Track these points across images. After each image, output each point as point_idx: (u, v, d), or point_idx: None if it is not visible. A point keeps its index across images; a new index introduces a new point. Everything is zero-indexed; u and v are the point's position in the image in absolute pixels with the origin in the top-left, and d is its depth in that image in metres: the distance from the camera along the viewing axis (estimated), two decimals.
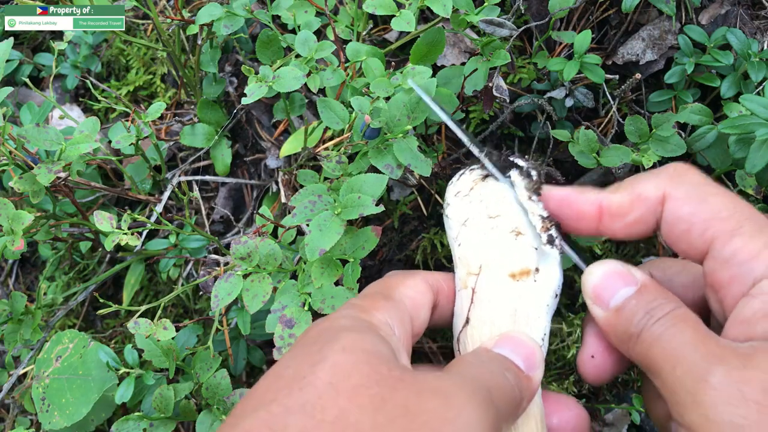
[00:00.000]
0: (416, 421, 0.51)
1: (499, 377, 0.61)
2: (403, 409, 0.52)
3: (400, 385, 0.54)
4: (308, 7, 1.09)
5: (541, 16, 1.21)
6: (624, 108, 1.22)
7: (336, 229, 0.81)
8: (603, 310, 0.64)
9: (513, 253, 0.73)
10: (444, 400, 0.54)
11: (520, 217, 0.75)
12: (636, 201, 0.65)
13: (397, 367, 0.57)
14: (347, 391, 0.52)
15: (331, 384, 0.53)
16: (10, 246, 0.96)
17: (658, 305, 0.60)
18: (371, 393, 0.53)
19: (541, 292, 0.73)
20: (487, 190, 0.78)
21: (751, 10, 1.20)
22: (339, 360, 0.55)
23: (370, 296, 0.69)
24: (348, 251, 0.90)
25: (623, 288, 0.63)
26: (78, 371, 1.06)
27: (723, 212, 0.60)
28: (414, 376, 0.56)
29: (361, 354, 0.56)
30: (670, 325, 0.58)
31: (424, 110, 0.90)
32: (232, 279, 0.91)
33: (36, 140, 1.03)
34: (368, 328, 0.62)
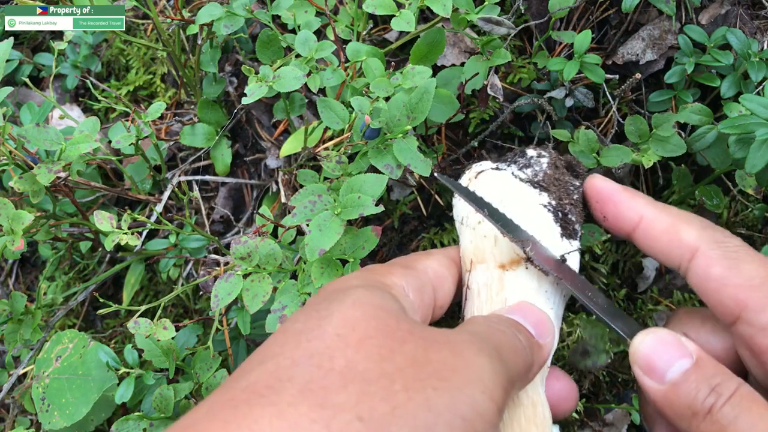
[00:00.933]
0: (424, 370, 0.52)
1: (510, 336, 0.62)
2: (411, 359, 0.52)
3: (409, 338, 0.55)
4: (308, 7, 1.09)
5: (540, 15, 1.21)
6: (624, 108, 1.22)
7: (336, 229, 0.81)
8: (658, 384, 0.62)
9: (499, 243, 0.73)
10: (453, 351, 0.55)
11: (507, 207, 0.74)
12: (673, 240, 0.67)
13: (405, 320, 0.58)
14: (355, 342, 0.53)
15: (338, 335, 0.54)
16: (10, 246, 0.96)
17: (722, 382, 0.59)
18: (379, 344, 0.53)
19: (535, 279, 0.72)
20: (478, 186, 0.77)
21: (751, 10, 1.20)
22: (347, 313, 0.56)
23: (388, 264, 0.70)
24: (348, 251, 0.90)
25: (679, 360, 0.62)
26: (78, 371, 1.06)
27: (756, 280, 0.61)
28: (423, 329, 0.57)
29: (370, 308, 0.57)
30: (745, 408, 0.57)
31: (424, 111, 0.89)
32: (232, 279, 0.91)
33: (36, 140, 1.03)
34: (379, 286, 0.62)
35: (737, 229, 1.22)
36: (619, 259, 1.26)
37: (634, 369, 0.65)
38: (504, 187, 0.77)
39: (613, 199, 0.72)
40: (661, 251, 0.68)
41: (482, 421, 0.51)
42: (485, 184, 0.78)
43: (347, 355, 0.52)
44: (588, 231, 1.18)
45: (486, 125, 1.24)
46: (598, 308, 0.70)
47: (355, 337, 0.54)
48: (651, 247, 0.70)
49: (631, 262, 1.26)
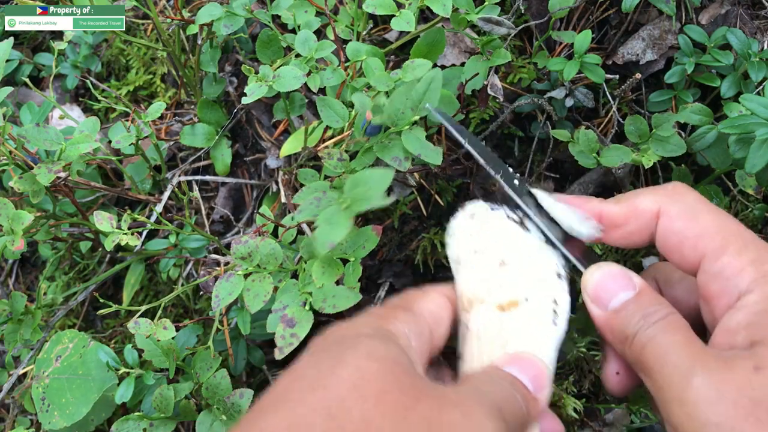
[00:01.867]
0: (436, 430, 0.52)
1: (508, 395, 0.63)
2: (425, 420, 0.53)
3: (422, 396, 0.55)
4: (308, 7, 1.09)
5: (541, 15, 1.21)
6: (624, 108, 1.22)
7: (345, 223, 0.81)
8: (601, 311, 0.67)
9: (499, 285, 0.73)
10: (464, 414, 0.55)
11: (504, 247, 0.75)
12: (633, 214, 0.69)
13: (418, 377, 0.58)
14: (371, 396, 0.53)
15: (354, 387, 0.53)
16: (10, 246, 0.96)
17: (654, 310, 0.63)
18: (394, 400, 0.53)
19: (533, 319, 0.72)
20: (474, 226, 0.78)
21: (751, 10, 1.20)
22: (362, 365, 0.56)
23: (390, 307, 0.70)
24: (348, 250, 0.90)
25: (622, 291, 0.66)
26: (78, 371, 1.06)
27: (712, 229, 0.64)
28: (435, 388, 0.57)
29: (385, 361, 0.57)
30: (661, 329, 0.61)
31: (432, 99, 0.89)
32: (233, 279, 0.91)
33: (36, 140, 1.03)
34: (389, 337, 0.62)
35: None
36: (619, 259, 1.26)
37: (584, 298, 0.69)
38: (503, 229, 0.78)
39: None
40: (631, 231, 0.70)
41: None
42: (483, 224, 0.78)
43: (363, 409, 0.52)
44: None
45: (486, 125, 1.24)
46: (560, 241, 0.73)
47: (372, 391, 0.53)
48: (623, 239, 0.71)
49: (631, 262, 1.26)
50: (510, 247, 0.74)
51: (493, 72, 1.10)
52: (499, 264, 0.73)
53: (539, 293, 0.72)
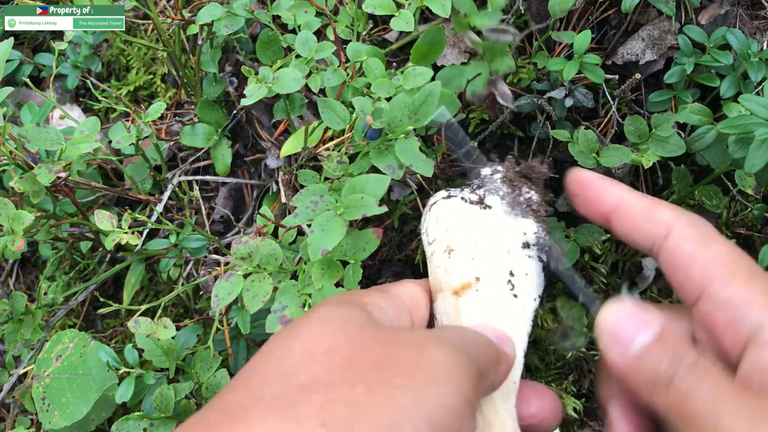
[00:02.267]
0: (388, 371, 0.53)
1: (474, 335, 0.64)
2: (373, 362, 0.54)
3: (372, 344, 0.56)
4: (308, 7, 1.09)
5: (540, 16, 1.21)
6: (624, 108, 1.22)
7: (338, 230, 0.81)
8: (623, 355, 0.62)
9: (450, 270, 0.73)
10: (417, 349, 0.55)
11: (453, 233, 0.75)
12: (650, 218, 0.68)
13: (370, 327, 0.59)
14: (320, 355, 0.55)
15: (305, 351, 0.55)
16: (11, 246, 0.96)
17: (683, 354, 0.60)
18: (343, 354, 0.55)
19: (486, 301, 0.72)
20: (430, 217, 0.79)
21: (751, 10, 1.21)
22: (313, 329, 0.58)
23: (365, 289, 0.72)
24: (349, 252, 0.90)
25: (643, 332, 0.62)
26: (78, 371, 1.07)
27: (724, 257, 0.63)
28: (387, 333, 0.59)
29: (336, 321, 0.59)
30: (702, 377, 0.58)
31: (427, 113, 0.89)
32: (233, 279, 0.91)
33: (36, 140, 1.03)
34: (351, 302, 0.64)
35: (737, 229, 1.22)
36: (619, 258, 1.26)
37: (599, 339, 0.65)
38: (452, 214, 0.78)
39: (595, 184, 0.73)
40: (637, 230, 0.69)
41: (450, 414, 0.51)
42: (435, 215, 0.79)
43: (312, 368, 0.53)
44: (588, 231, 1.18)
45: (486, 125, 1.24)
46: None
47: (320, 350, 0.55)
48: (628, 227, 0.70)
49: (631, 261, 1.26)
50: (458, 231, 0.75)
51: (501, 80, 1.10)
52: (448, 250, 0.74)
53: (491, 269, 0.73)
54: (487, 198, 0.77)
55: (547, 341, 1.21)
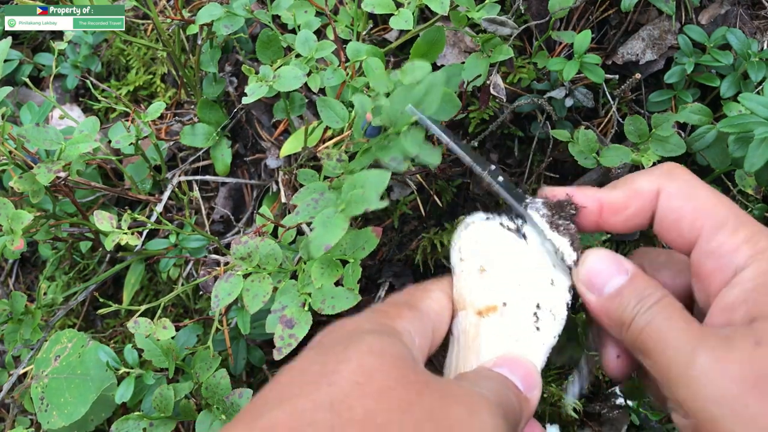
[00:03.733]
0: (442, 425, 0.52)
1: (503, 393, 0.63)
2: (428, 413, 0.53)
3: (426, 390, 0.55)
4: (308, 7, 1.09)
5: (540, 15, 1.21)
6: (624, 108, 1.22)
7: (340, 226, 0.81)
8: (596, 297, 0.67)
9: (477, 291, 0.73)
10: (467, 407, 0.56)
11: (486, 255, 0.75)
12: (633, 196, 0.69)
13: (422, 372, 0.58)
14: (374, 392, 0.53)
15: (357, 384, 0.53)
16: (10, 245, 0.96)
17: (649, 293, 0.64)
18: (398, 395, 0.53)
19: (511, 325, 0.72)
20: (465, 235, 0.78)
21: (751, 10, 1.21)
22: (365, 361, 0.56)
23: (395, 305, 0.70)
24: (348, 251, 0.90)
25: (616, 276, 0.66)
26: (76, 371, 1.06)
27: (709, 207, 0.65)
28: (438, 382, 0.58)
29: (388, 357, 0.57)
30: (658, 312, 0.62)
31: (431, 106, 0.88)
32: (233, 279, 0.91)
33: (36, 140, 1.03)
34: (392, 333, 0.62)
35: None
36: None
37: (577, 285, 0.69)
38: (490, 237, 0.78)
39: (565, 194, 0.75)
40: (633, 214, 0.70)
41: None
42: (473, 235, 0.79)
43: (366, 405, 0.52)
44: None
45: (486, 125, 1.24)
46: None
47: (375, 387, 0.54)
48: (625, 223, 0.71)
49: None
50: (493, 254, 0.75)
51: (495, 72, 1.10)
52: (480, 270, 0.74)
53: (519, 298, 0.72)
54: (524, 228, 0.77)
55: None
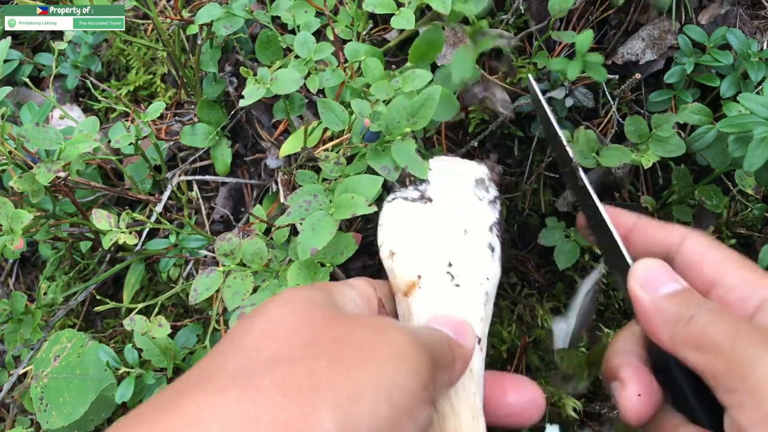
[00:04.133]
0: (348, 348, 0.54)
1: (430, 331, 0.65)
2: (335, 339, 0.55)
3: (333, 323, 0.58)
4: (308, 8, 1.09)
5: (540, 16, 1.21)
6: (624, 108, 1.22)
7: (329, 229, 0.81)
8: (651, 296, 0.69)
9: (395, 273, 0.74)
10: (376, 330, 0.57)
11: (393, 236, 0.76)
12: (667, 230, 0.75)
13: (332, 309, 0.61)
14: (281, 335, 0.55)
15: (264, 331, 0.56)
16: (10, 245, 0.96)
17: (706, 302, 0.66)
18: (305, 332, 0.56)
19: (431, 298, 0.72)
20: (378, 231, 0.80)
21: (751, 10, 1.20)
22: (274, 311, 0.59)
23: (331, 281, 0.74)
24: (328, 255, 0.90)
25: (673, 282, 0.69)
26: (76, 371, 1.07)
27: (731, 255, 0.70)
28: (348, 315, 0.61)
29: (298, 303, 0.59)
30: (722, 314, 0.64)
31: (426, 117, 0.89)
32: (213, 274, 0.91)
33: (35, 140, 1.03)
34: (315, 287, 0.66)
35: (737, 229, 1.22)
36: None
37: (630, 285, 0.70)
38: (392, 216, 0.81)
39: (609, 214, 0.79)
40: (655, 240, 0.75)
41: (408, 394, 0.52)
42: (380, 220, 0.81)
43: (273, 346, 0.54)
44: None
45: (486, 125, 1.24)
46: None
47: (282, 330, 0.56)
48: (646, 238, 0.76)
49: None
50: (397, 234, 0.76)
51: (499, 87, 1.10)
52: (390, 254, 0.75)
53: (429, 264, 0.73)
54: (428, 191, 0.78)
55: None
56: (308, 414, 0.47)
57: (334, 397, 0.49)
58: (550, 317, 1.25)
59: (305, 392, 0.49)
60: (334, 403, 0.48)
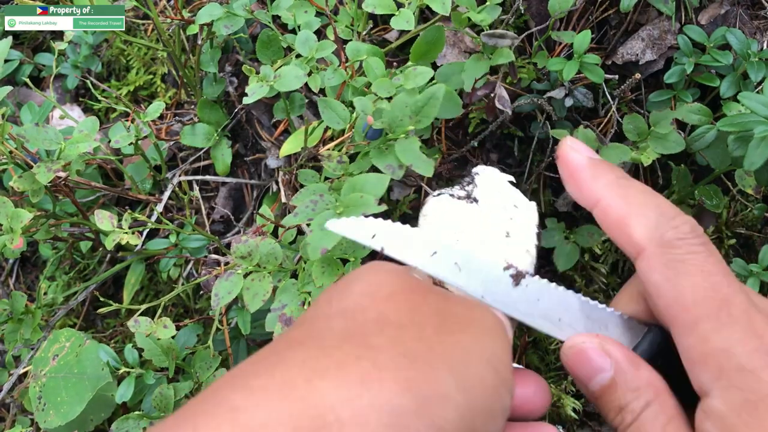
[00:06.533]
0: (449, 319, 0.55)
1: None
2: (435, 309, 0.56)
3: (430, 294, 0.58)
4: (308, 7, 1.09)
5: (540, 16, 1.21)
6: (624, 108, 1.22)
7: None
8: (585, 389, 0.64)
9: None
10: (467, 306, 0.59)
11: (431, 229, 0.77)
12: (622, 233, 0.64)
13: (424, 282, 0.62)
14: (383, 297, 0.56)
15: (366, 294, 0.56)
16: (9, 244, 0.96)
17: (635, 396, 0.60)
18: (406, 298, 0.56)
19: None
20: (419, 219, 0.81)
21: (751, 10, 1.21)
22: (371, 277, 0.59)
23: None
24: (348, 250, 0.90)
25: (599, 374, 0.61)
26: (73, 370, 1.06)
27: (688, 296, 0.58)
28: (439, 289, 0.62)
29: (393, 271, 0.60)
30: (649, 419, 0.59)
31: (429, 115, 0.89)
32: (233, 278, 0.91)
33: (35, 140, 1.03)
34: None
35: (737, 229, 1.22)
36: (619, 258, 1.26)
37: None
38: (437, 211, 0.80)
39: (575, 176, 0.68)
40: (614, 239, 0.65)
41: (504, 364, 0.54)
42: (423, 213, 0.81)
43: (378, 308, 0.54)
44: (587, 232, 1.18)
45: (486, 125, 1.24)
46: None
47: (383, 293, 0.56)
48: (606, 229, 0.66)
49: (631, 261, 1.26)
50: (440, 226, 0.77)
51: (499, 84, 1.10)
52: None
53: None
54: (474, 192, 0.78)
55: None
56: (429, 373, 0.48)
57: (448, 360, 0.50)
58: None
59: (421, 354, 0.50)
60: (449, 366, 0.49)
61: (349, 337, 0.51)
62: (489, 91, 1.11)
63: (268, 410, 0.44)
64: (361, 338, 0.51)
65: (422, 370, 0.48)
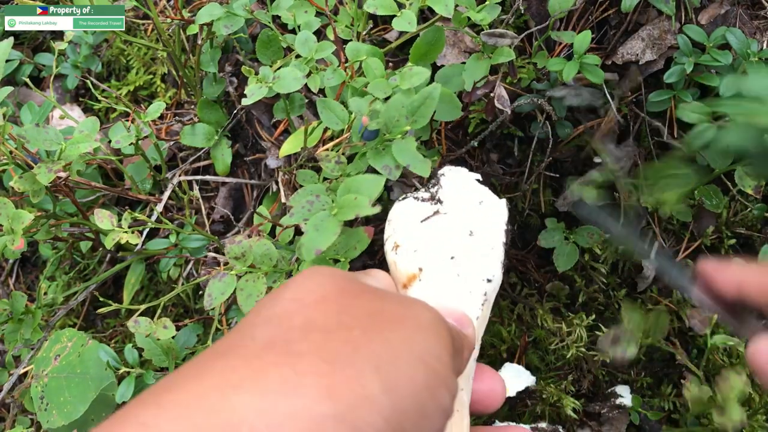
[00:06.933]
0: (380, 318, 0.54)
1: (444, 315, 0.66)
2: (366, 310, 0.55)
3: (363, 295, 0.58)
4: (308, 7, 1.09)
5: (540, 16, 1.21)
6: (624, 108, 1.22)
7: (333, 230, 0.81)
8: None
9: (397, 266, 0.75)
10: (404, 304, 0.58)
11: (399, 230, 0.77)
12: None
13: (357, 281, 0.61)
14: (312, 302, 0.55)
15: (295, 299, 0.55)
16: (10, 245, 0.96)
17: None
18: (336, 301, 0.56)
19: (431, 286, 0.74)
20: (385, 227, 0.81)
21: (751, 10, 1.21)
22: (302, 283, 0.58)
23: None
24: (340, 251, 0.90)
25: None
26: (76, 370, 1.07)
27: None
28: (375, 288, 0.61)
29: (326, 274, 0.59)
30: None
31: (425, 115, 0.89)
32: (226, 278, 0.91)
33: (36, 140, 1.03)
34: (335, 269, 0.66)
35: (737, 229, 1.22)
36: (619, 258, 1.26)
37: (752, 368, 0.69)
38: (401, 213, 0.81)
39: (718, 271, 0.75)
40: None
41: (439, 363, 0.53)
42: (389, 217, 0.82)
43: (305, 313, 0.54)
44: (587, 232, 1.18)
45: (486, 125, 1.24)
46: None
47: (312, 298, 0.56)
48: None
49: (631, 262, 1.26)
50: (404, 227, 0.77)
51: (499, 83, 1.10)
52: (394, 248, 0.76)
53: (432, 258, 0.74)
54: (439, 193, 0.79)
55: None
56: (352, 378, 0.47)
57: (374, 361, 0.49)
58: (550, 317, 1.25)
59: (345, 357, 0.49)
60: (375, 367, 0.48)
61: (272, 346, 0.50)
62: (489, 91, 1.11)
63: (177, 425, 0.43)
64: (283, 346, 0.50)
65: (344, 374, 0.47)
